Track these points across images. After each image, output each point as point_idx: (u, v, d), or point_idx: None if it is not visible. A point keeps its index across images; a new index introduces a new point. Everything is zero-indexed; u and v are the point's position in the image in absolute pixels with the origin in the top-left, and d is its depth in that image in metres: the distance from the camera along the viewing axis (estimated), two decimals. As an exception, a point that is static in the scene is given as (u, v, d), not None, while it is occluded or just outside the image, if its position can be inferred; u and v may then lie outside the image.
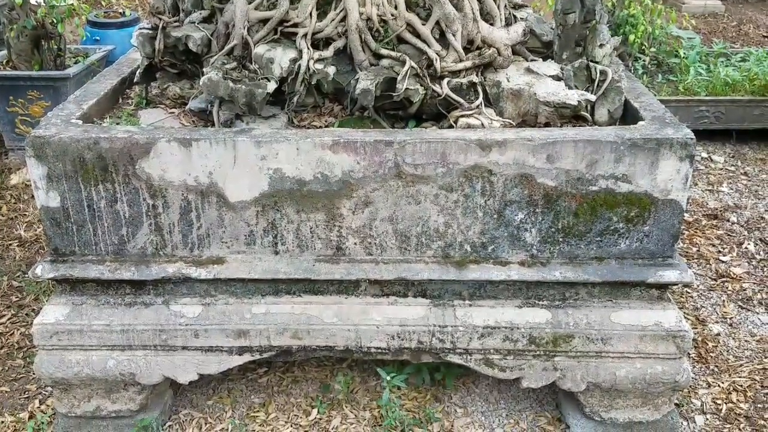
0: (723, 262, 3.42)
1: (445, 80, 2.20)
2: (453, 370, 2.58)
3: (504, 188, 2.04)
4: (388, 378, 2.39)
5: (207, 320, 2.20)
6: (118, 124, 2.27)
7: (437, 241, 2.13)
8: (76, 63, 4.48)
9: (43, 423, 2.45)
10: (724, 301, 3.13)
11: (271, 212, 2.08)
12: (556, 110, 2.18)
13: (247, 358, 2.26)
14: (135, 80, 2.50)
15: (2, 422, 2.48)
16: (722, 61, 5.03)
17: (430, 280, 2.17)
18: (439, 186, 2.04)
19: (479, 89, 2.24)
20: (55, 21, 4.18)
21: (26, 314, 3.05)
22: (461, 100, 2.20)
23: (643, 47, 4.96)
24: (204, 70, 2.24)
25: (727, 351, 2.82)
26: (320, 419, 2.48)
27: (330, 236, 2.12)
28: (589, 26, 2.30)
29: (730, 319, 3.01)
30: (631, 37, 4.74)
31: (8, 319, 3.03)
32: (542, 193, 2.04)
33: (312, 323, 2.20)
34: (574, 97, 2.17)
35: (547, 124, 2.21)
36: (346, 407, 2.53)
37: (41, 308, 2.94)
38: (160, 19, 2.36)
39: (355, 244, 2.13)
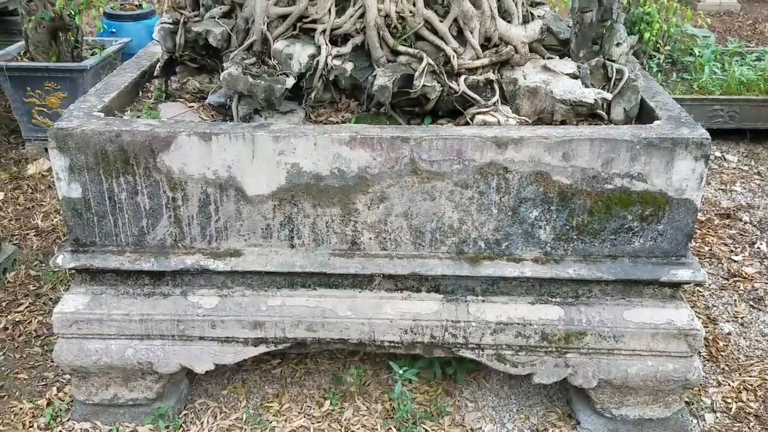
0: (735, 261, 3.42)
1: (462, 77, 2.22)
2: (464, 365, 2.60)
3: (519, 185, 2.05)
4: (401, 371, 2.42)
5: (224, 311, 2.23)
6: (138, 117, 2.30)
7: (451, 237, 2.15)
8: (92, 55, 4.52)
9: (60, 410, 2.49)
10: (735, 300, 3.14)
11: (287, 206, 2.11)
12: (573, 108, 2.19)
13: (262, 349, 2.30)
14: (155, 74, 2.53)
15: (21, 409, 2.53)
16: (737, 60, 5.01)
17: (443, 276, 2.19)
18: (454, 182, 2.06)
19: (496, 87, 2.25)
20: (72, 13, 4.23)
21: (43, 303, 3.10)
22: (478, 97, 2.22)
23: (658, 45, 4.95)
24: (224, 65, 2.26)
25: (738, 350, 2.83)
26: (333, 411, 2.51)
27: (345, 231, 2.15)
28: (606, 25, 2.31)
29: (742, 318, 3.02)
30: (646, 35, 4.73)
31: (26, 308, 3.07)
32: (557, 191, 2.06)
33: (326, 316, 2.23)
34: (590, 95, 2.19)
35: (563, 122, 2.22)
36: (359, 399, 2.56)
37: (58, 297, 3.00)
38: (181, 13, 2.38)
39: (370, 239, 2.16)
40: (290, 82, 2.17)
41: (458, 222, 2.12)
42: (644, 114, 2.27)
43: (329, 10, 2.24)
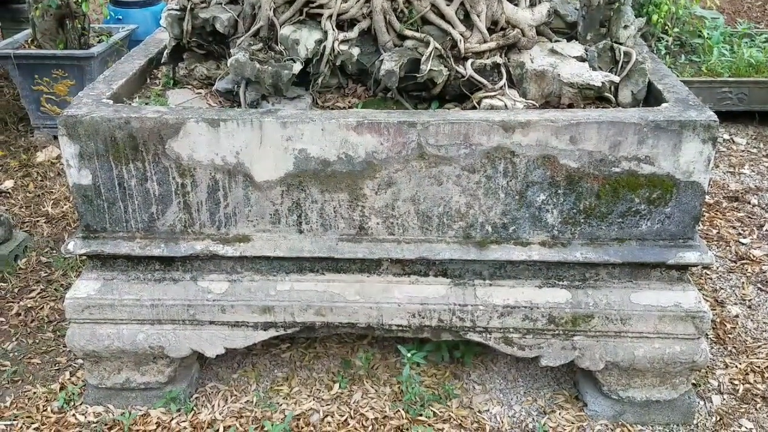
0: (743, 244, 3.41)
1: (469, 61, 2.22)
2: (472, 348, 2.62)
3: (526, 169, 2.06)
4: (409, 355, 2.44)
5: (233, 296, 2.25)
6: (147, 104, 2.31)
7: (459, 221, 2.16)
8: (99, 42, 4.53)
9: (74, 394, 2.53)
10: (743, 283, 3.14)
11: (295, 192, 2.12)
12: (580, 91, 2.19)
13: (271, 333, 2.32)
14: (163, 61, 2.54)
15: (34, 393, 2.57)
16: (746, 42, 4.96)
17: (451, 260, 2.21)
18: (461, 167, 2.06)
19: (503, 70, 2.25)
20: (79, 0, 4.23)
21: (55, 289, 3.13)
22: (485, 81, 2.22)
23: (666, 27, 4.91)
24: (231, 51, 2.27)
25: (746, 332, 2.84)
26: (342, 393, 2.54)
27: (353, 216, 2.16)
28: (614, 7, 2.30)
29: (749, 301, 3.02)
30: (654, 17, 4.69)
31: (38, 294, 3.11)
32: (564, 175, 2.06)
33: (335, 300, 2.25)
34: (597, 78, 2.18)
35: (570, 106, 2.22)
36: (367, 382, 2.59)
37: (69, 283, 3.04)
38: (188, 0, 2.38)
39: (378, 223, 2.17)
40: (297, 67, 2.17)
41: (465, 206, 2.13)
42: (652, 97, 2.26)
43: (335, -5, 2.23)
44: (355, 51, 2.23)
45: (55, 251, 3.40)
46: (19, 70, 4.29)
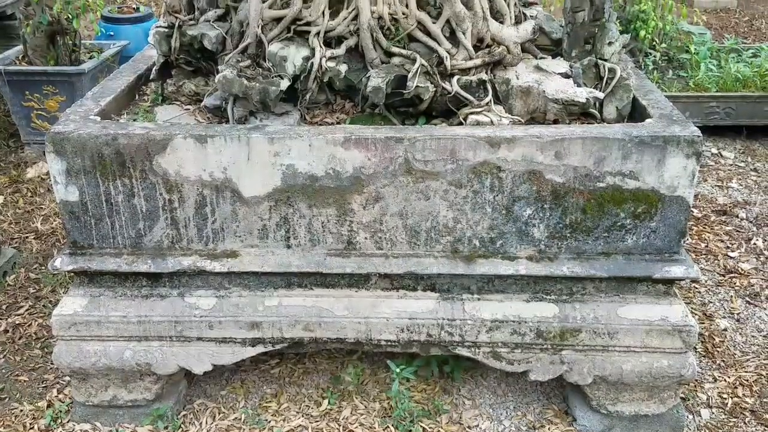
0: (731, 257, 3.43)
1: (455, 78, 2.24)
2: (461, 363, 2.62)
3: (512, 184, 2.07)
4: (398, 370, 2.44)
5: (221, 312, 2.25)
6: (135, 120, 2.32)
7: (446, 236, 2.16)
8: (91, 58, 4.54)
9: (61, 411, 2.51)
10: (731, 296, 3.15)
11: (283, 207, 2.13)
12: (565, 107, 2.21)
13: (259, 349, 2.31)
14: (151, 77, 2.55)
15: (21, 410, 2.55)
16: (733, 57, 5.02)
17: (439, 275, 2.21)
18: (448, 182, 2.08)
19: (489, 87, 2.27)
20: (70, 17, 4.25)
21: (43, 305, 3.12)
22: (471, 98, 2.24)
23: (654, 43, 4.96)
24: (219, 67, 2.28)
25: (734, 346, 2.85)
26: (331, 410, 2.53)
27: (341, 231, 2.17)
28: (598, 24, 2.33)
29: (738, 314, 3.04)
30: (642, 33, 4.75)
31: (26, 311, 3.10)
32: (550, 189, 2.07)
33: (323, 316, 2.25)
34: (582, 94, 2.20)
35: (555, 122, 2.24)
36: (357, 398, 2.58)
37: (58, 300, 3.02)
38: (176, 17, 2.40)
39: (366, 238, 2.18)
40: (284, 84, 2.19)
41: (453, 221, 2.14)
42: (637, 112, 2.28)
43: (323, 13, 2.26)
44: (343, 68, 2.24)
45: (44, 267, 3.38)
46: (9, 86, 4.29)
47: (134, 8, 5.81)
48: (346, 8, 2.27)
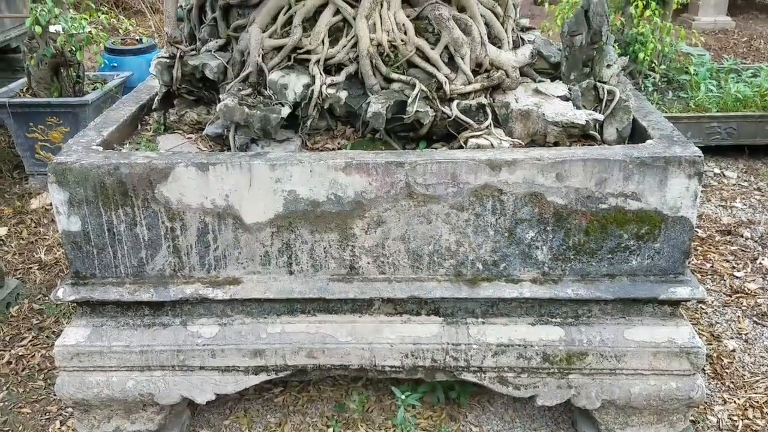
0: (737, 277, 3.41)
1: (455, 102, 2.25)
2: (468, 389, 2.59)
3: (514, 207, 2.07)
4: (403, 397, 2.41)
5: (224, 340, 2.23)
6: (137, 149, 2.33)
7: (449, 259, 2.16)
8: (94, 89, 4.59)
9: (63, 444, 2.49)
10: (739, 316, 3.12)
11: (285, 233, 2.12)
12: (565, 130, 2.22)
13: (263, 377, 2.29)
14: (153, 107, 2.57)
15: (24, 443, 2.52)
16: (733, 77, 5.05)
17: (442, 299, 2.20)
18: (450, 205, 2.07)
19: (488, 110, 2.28)
20: (73, 49, 4.30)
21: (46, 336, 3.10)
22: (470, 121, 2.24)
23: (653, 65, 5.00)
24: (220, 96, 2.30)
25: (743, 367, 2.81)
26: (336, 438, 2.50)
27: (343, 256, 2.16)
28: (596, 47, 2.34)
29: (746, 334, 3.00)
30: (641, 55, 4.78)
31: (29, 341, 3.08)
32: (552, 211, 2.07)
33: (326, 342, 2.23)
34: (581, 116, 2.21)
35: (556, 144, 2.24)
36: (362, 426, 2.54)
37: (61, 330, 3.00)
38: (178, 48, 2.43)
39: (368, 263, 2.17)
40: (285, 111, 2.20)
41: (455, 244, 2.13)
42: (637, 134, 2.29)
43: (323, 41, 2.28)
44: (343, 94, 2.26)
45: (47, 298, 3.38)
46: (13, 118, 4.34)
47: (137, 40, 5.89)
48: (346, 36, 2.30)
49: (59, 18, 4.15)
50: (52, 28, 4.18)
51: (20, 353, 3.00)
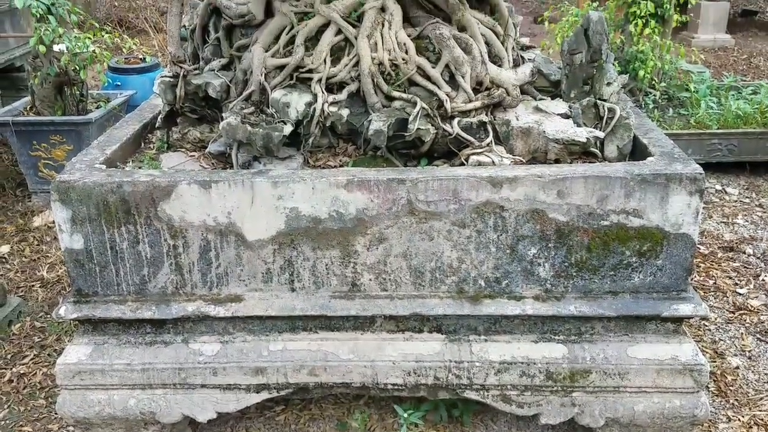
0: (740, 294, 3.40)
1: (456, 120, 2.26)
2: (470, 407, 2.57)
3: (516, 224, 2.07)
4: (405, 415, 2.40)
5: (225, 358, 2.23)
6: (140, 168, 2.34)
7: (451, 276, 2.16)
8: (97, 108, 4.62)
9: (64, 463, 2.48)
10: (742, 333, 3.11)
11: (287, 250, 2.13)
12: (566, 147, 2.23)
13: (264, 395, 2.28)
14: (156, 125, 2.59)
15: (24, 462, 2.51)
16: (733, 94, 5.07)
17: (444, 316, 2.19)
18: (451, 222, 2.08)
19: (489, 128, 2.29)
20: (77, 68, 4.34)
21: (48, 354, 3.10)
22: (471, 139, 2.25)
23: (653, 82, 5.02)
24: (223, 114, 2.32)
25: (747, 384, 2.80)
26: (338, 457, 2.48)
27: (345, 273, 2.16)
28: (596, 65, 2.36)
29: (749, 351, 2.99)
30: (641, 73, 4.81)
31: (31, 360, 3.07)
32: (554, 228, 2.07)
33: (328, 360, 2.23)
34: (582, 134, 2.22)
35: (557, 161, 2.25)
36: (364, 445, 2.53)
37: (63, 348, 3.00)
38: (181, 67, 2.45)
39: (370, 280, 2.17)
40: (288, 129, 2.21)
41: (457, 261, 2.13)
42: (638, 151, 2.30)
43: (324, 60, 2.30)
44: (345, 112, 2.27)
45: (49, 316, 3.37)
46: (17, 137, 4.36)
47: (141, 59, 5.94)
48: (347, 55, 2.32)
49: (63, 37, 4.19)
50: (56, 48, 4.22)
51: (22, 371, 2.99)
